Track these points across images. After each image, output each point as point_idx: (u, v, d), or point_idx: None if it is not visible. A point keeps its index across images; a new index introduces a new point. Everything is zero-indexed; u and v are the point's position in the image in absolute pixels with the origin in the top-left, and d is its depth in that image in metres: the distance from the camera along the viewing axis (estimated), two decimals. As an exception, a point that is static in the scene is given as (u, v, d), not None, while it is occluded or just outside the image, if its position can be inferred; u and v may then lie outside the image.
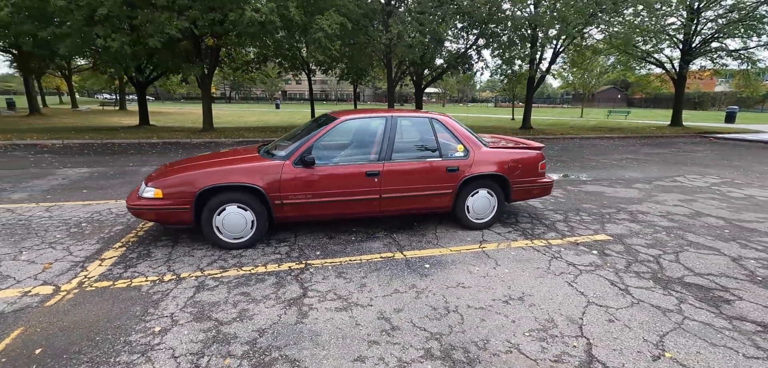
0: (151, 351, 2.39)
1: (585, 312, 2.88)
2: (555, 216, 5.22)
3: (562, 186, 6.96)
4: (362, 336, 2.57)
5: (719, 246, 4.17)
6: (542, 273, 3.49)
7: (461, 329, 2.65)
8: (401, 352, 2.40)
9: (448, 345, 2.47)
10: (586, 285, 3.29)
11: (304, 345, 2.47)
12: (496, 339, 2.55)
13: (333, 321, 2.73)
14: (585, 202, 5.90)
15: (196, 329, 2.62)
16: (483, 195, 4.52)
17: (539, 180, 4.71)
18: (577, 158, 10.57)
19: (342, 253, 3.90)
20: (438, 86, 67.67)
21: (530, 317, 2.81)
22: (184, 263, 3.63)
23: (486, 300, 3.04)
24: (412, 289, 3.19)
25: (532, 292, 3.16)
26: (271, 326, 2.66)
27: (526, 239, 4.34)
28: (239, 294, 3.09)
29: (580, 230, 4.66)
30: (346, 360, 2.33)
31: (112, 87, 40.04)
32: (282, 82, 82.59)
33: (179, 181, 3.80)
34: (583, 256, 3.89)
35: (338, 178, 4.05)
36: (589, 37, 17.45)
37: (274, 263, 3.66)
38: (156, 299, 3.00)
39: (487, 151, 4.52)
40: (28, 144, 11.33)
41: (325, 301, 2.99)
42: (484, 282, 3.33)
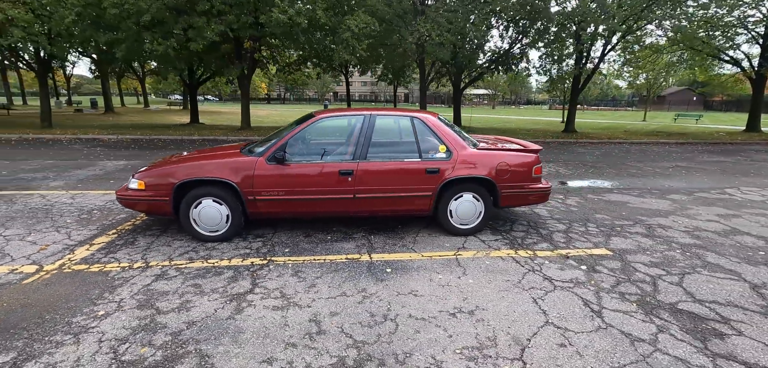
0: (83, 333, 2.51)
1: (537, 333, 2.58)
2: (557, 225, 4.78)
3: (581, 195, 6.38)
4: (284, 337, 2.50)
5: (742, 271, 3.56)
6: (509, 287, 3.20)
7: (389, 339, 2.49)
8: (313, 358, 2.30)
9: (365, 356, 2.33)
10: (553, 303, 2.95)
11: (224, 341, 2.45)
12: (422, 353, 2.36)
13: (264, 320, 2.69)
14: (600, 212, 5.35)
15: (134, 316, 2.71)
16: (468, 200, 4.26)
17: (532, 185, 4.33)
18: (616, 165, 9.66)
19: (310, 252, 3.86)
20: (488, 87, 65.74)
21: (471, 333, 2.57)
22: (159, 252, 3.80)
23: (433, 310, 2.84)
24: (360, 293, 3.07)
25: (487, 306, 2.90)
26: (203, 319, 2.69)
27: (511, 248, 4.02)
28: (191, 285, 3.17)
29: (578, 242, 4.22)
30: (255, 360, 2.28)
31: (181, 88, 43.98)
32: (333, 83, 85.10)
33: (159, 174, 3.99)
34: (566, 271, 3.51)
35: (311, 176, 4.02)
36: (644, 33, 15.92)
37: (240, 258, 3.71)
38: (116, 284, 3.16)
39: (472, 153, 4.24)
40: (89, 138, 12.66)
41: (268, 299, 2.97)
42: (441, 291, 3.12)
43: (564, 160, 10.25)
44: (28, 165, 8.20)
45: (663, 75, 29.91)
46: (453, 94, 19.64)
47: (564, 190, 6.67)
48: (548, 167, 8.99)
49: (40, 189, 6.13)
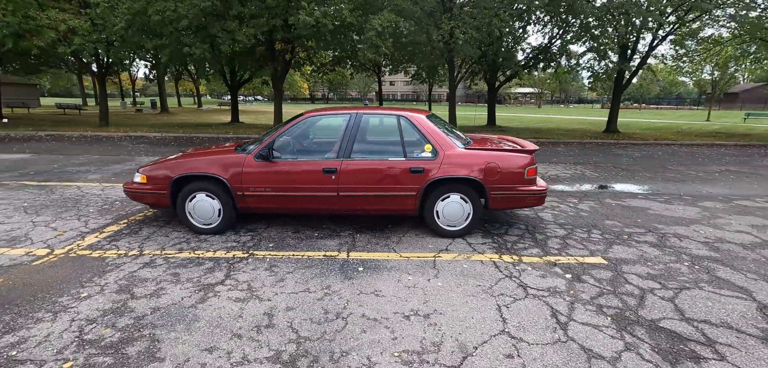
0: (62, 312, 2.76)
1: (487, 342, 2.46)
2: (557, 230, 4.51)
3: (599, 199, 5.95)
4: (233, 328, 2.59)
5: (756, 289, 3.16)
6: (477, 292, 3.07)
7: (333, 337, 2.50)
8: (252, 350, 2.36)
9: (302, 352, 2.36)
10: (518, 311, 2.80)
11: (178, 327, 2.59)
12: (359, 354, 2.34)
13: (222, 310, 2.80)
14: (612, 218, 4.97)
15: (110, 299, 2.94)
16: (455, 201, 4.14)
17: (524, 187, 4.12)
18: (654, 168, 8.91)
19: (293, 248, 3.95)
20: (535, 86, 63.04)
21: (418, 337, 2.51)
22: (155, 242, 4.07)
23: (388, 311, 2.80)
24: (323, 290, 3.10)
25: (446, 311, 2.81)
26: (168, 306, 2.85)
27: (497, 253, 3.85)
28: (171, 274, 3.36)
29: (573, 250, 3.96)
30: (199, 348, 2.38)
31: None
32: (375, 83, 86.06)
33: (159, 169, 4.27)
34: (547, 279, 3.31)
35: (296, 173, 4.11)
36: (701, 25, 14.49)
37: (225, 250, 3.88)
38: (107, 269, 3.43)
39: (459, 153, 4.12)
40: (137, 136, 13.79)
41: (234, 291, 3.08)
42: (405, 293, 3.07)
43: (595, 162, 9.62)
44: (78, 159, 9.09)
45: (730, 70, 27.01)
46: (487, 93, 19.12)
47: (581, 194, 6.27)
48: (573, 169, 8.48)
49: (78, 181, 6.78)
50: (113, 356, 2.30)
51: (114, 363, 2.24)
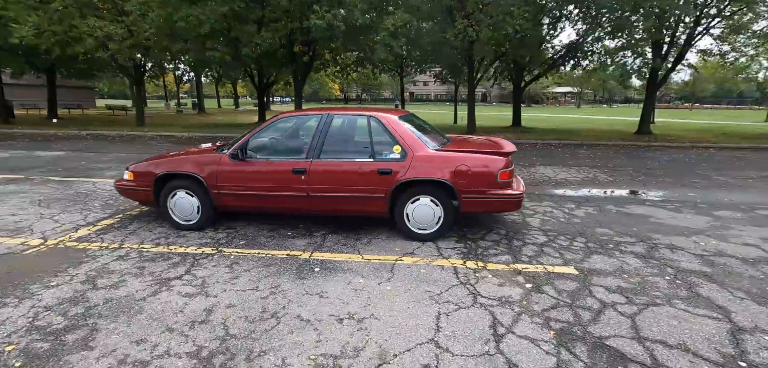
0: (27, 299, 2.98)
1: (411, 350, 2.39)
2: (538, 237, 4.29)
3: (598, 205, 5.59)
4: (170, 322, 2.68)
5: (737, 309, 2.85)
6: (423, 298, 2.99)
7: (259, 337, 2.52)
8: (177, 344, 2.43)
9: (223, 349, 2.39)
10: (458, 320, 2.69)
11: (120, 319, 2.71)
12: (276, 355, 2.34)
13: (168, 304, 2.90)
14: (604, 226, 4.65)
15: (73, 289, 3.13)
16: (425, 204, 4.04)
17: (496, 191, 3.95)
18: (679, 173, 8.25)
19: (261, 246, 4.03)
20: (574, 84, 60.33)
21: (342, 341, 2.47)
22: (138, 236, 4.29)
23: (323, 313, 2.79)
24: (270, 289, 3.13)
25: (382, 316, 2.75)
26: (120, 297, 2.99)
27: (462, 258, 3.72)
28: (138, 267, 3.53)
29: (546, 258, 3.75)
30: (129, 339, 2.48)
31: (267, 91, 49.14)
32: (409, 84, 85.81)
33: (144, 167, 4.50)
34: (504, 288, 3.16)
35: (267, 173, 4.19)
36: (754, 17, 13.22)
37: (196, 246, 4.02)
38: (84, 261, 3.66)
39: (428, 154, 4.02)
40: (167, 135, 14.61)
41: (187, 286, 3.18)
42: (350, 295, 3.04)
43: (615, 166, 9.05)
44: (106, 157, 9.77)
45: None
46: (513, 92, 18.54)
47: (581, 199, 5.92)
48: (586, 173, 8.03)
49: (95, 178, 7.28)
50: (52, 343, 2.45)
51: (49, 350, 2.39)
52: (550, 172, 8.09)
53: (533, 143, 12.63)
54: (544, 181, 7.20)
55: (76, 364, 2.26)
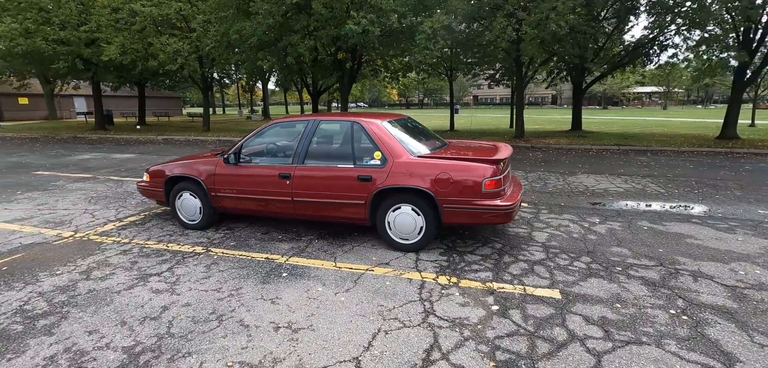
0: (31, 284, 3.38)
1: (330, 367, 2.27)
2: (536, 253, 3.87)
3: (627, 220, 4.89)
4: (126, 316, 2.86)
5: (745, 358, 2.29)
6: (371, 313, 2.84)
7: (193, 338, 2.59)
8: (121, 339, 2.58)
9: (155, 346, 2.49)
10: (392, 341, 2.52)
11: (89, 309, 2.96)
12: (199, 357, 2.38)
13: (135, 299, 3.10)
14: (623, 245, 4.05)
15: (70, 278, 3.49)
16: (407, 212, 3.86)
17: (481, 202, 3.63)
18: (755, 185, 6.93)
19: (248, 248, 4.15)
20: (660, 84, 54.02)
21: (266, 350, 2.44)
22: (149, 234, 4.68)
23: (265, 320, 2.78)
24: (231, 291, 3.21)
25: (320, 328, 2.67)
26: (100, 289, 3.27)
27: (437, 272, 3.48)
28: (131, 262, 3.84)
29: (533, 278, 3.36)
30: (84, 329, 2.70)
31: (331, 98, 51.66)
32: (472, 87, 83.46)
33: (157, 170, 4.90)
34: (466, 309, 2.89)
35: (256, 177, 4.32)
36: None
37: (191, 245, 4.27)
38: (93, 253, 4.07)
39: (409, 161, 3.83)
40: (224, 138, 15.84)
41: (161, 283, 3.38)
42: (300, 303, 3.00)
43: (676, 175, 7.87)
44: (165, 159, 10.84)
45: None
46: (573, 94, 17.11)
47: (611, 213, 5.22)
48: (634, 184, 7.09)
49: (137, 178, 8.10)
50: (25, 326, 2.75)
51: (20, 332, 2.68)
52: (592, 181, 7.29)
53: (586, 149, 11.51)
54: (578, 191, 6.51)
55: (31, 347, 2.51)
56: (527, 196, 6.17)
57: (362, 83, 34.08)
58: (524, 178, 7.54)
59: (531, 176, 7.77)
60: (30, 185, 7.43)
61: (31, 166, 9.67)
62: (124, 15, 14.07)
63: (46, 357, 2.41)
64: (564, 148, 11.69)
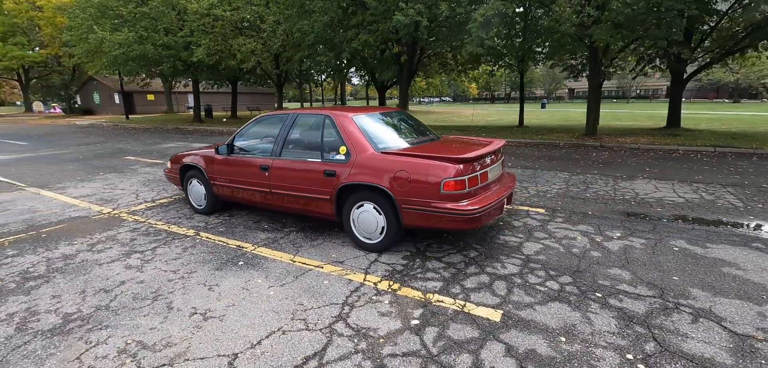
0: (50, 250, 4.02)
1: (207, 359, 2.29)
2: (508, 267, 3.39)
3: (662, 238, 3.99)
4: (89, 286, 3.23)
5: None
6: (285, 311, 2.79)
7: (119, 313, 2.81)
8: (71, 306, 2.93)
9: (88, 317, 2.77)
10: (285, 342, 2.44)
11: (69, 276, 3.41)
12: (114, 331, 2.59)
13: (107, 272, 3.49)
14: (628, 268, 3.34)
15: (76, 248, 4.06)
16: (369, 211, 3.69)
17: (440, 205, 3.29)
18: None
19: (232, 235, 4.38)
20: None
21: (169, 332, 2.55)
22: (165, 215, 5.22)
23: (188, 304, 2.91)
24: (184, 275, 3.41)
25: (229, 318, 2.71)
26: (89, 261, 3.74)
27: (383, 277, 3.27)
28: (131, 239, 4.33)
29: (479, 295, 2.96)
30: (52, 294, 3.12)
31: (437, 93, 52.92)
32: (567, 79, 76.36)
33: (177, 158, 5.42)
34: (382, 319, 2.67)
35: (242, 168, 4.52)
36: None
37: (187, 228, 4.65)
38: (111, 229, 4.69)
39: (371, 156, 3.63)
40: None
41: (138, 260, 3.74)
42: (232, 292, 3.07)
43: (750, 183, 6.20)
44: (229, 149, 11.98)
45: None
46: (671, 85, 14.57)
47: (641, 228, 4.32)
48: (706, 194, 5.76)
49: (200, 165, 9.06)
50: (18, 284, 3.29)
51: (11, 289, 3.21)
52: (649, 188, 6.13)
53: (670, 151, 9.69)
54: (622, 199, 5.52)
55: (10, 303, 2.99)
56: (552, 201, 5.45)
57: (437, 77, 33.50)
58: (566, 182, 6.66)
59: (574, 179, 6.83)
60: (112, 168, 8.84)
61: (126, 152, 11.49)
62: (210, 20, 15.84)
63: (9, 313, 2.85)
64: (640, 149, 10.04)
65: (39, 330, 2.62)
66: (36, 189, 6.82)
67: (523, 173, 7.42)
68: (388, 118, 4.40)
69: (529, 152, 10.20)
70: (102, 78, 35.77)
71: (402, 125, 4.42)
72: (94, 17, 17.19)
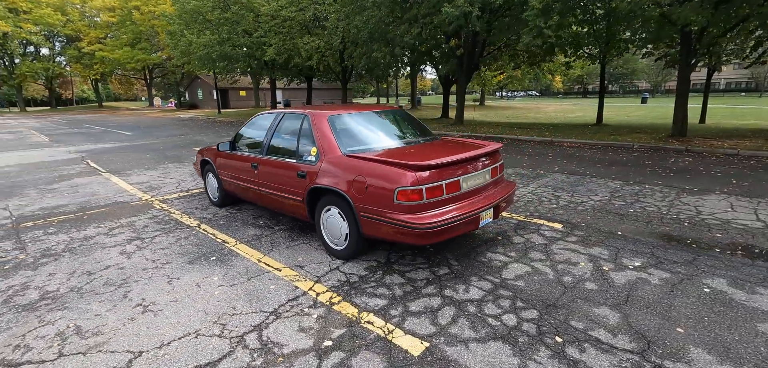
0: (78, 232, 4.60)
1: (113, 352, 2.38)
2: (472, 292, 2.97)
3: (697, 273, 3.14)
4: (81, 267, 3.60)
5: None
6: (214, 313, 2.79)
7: (85, 297, 3.08)
8: (54, 283, 3.30)
9: (60, 295, 3.09)
10: (187, 345, 2.42)
11: (73, 256, 3.85)
12: (63, 313, 2.84)
13: (104, 255, 3.86)
14: (621, 307, 2.69)
15: (98, 231, 4.58)
16: (335, 215, 3.54)
17: (393, 215, 2.99)
18: None
19: (227, 230, 4.55)
20: None
21: (102, 319, 2.72)
22: (186, 205, 5.64)
23: (141, 295, 3.07)
24: (161, 263, 3.63)
25: (164, 313, 2.80)
26: (98, 243, 4.19)
27: (333, 290, 3.10)
28: (142, 225, 4.76)
29: (420, 321, 2.62)
30: (49, 271, 3.54)
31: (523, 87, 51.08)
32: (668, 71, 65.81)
33: (200, 152, 5.82)
34: (299, 335, 2.52)
35: (237, 164, 4.68)
36: None
37: (194, 219, 4.97)
38: (139, 214, 5.21)
39: (336, 158, 3.46)
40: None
41: (134, 247, 4.08)
42: (185, 286, 3.18)
43: None
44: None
45: None
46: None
47: (674, 259, 3.45)
48: None
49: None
50: (36, 260, 3.80)
51: (30, 264, 3.72)
52: (721, 206, 4.93)
53: (783, 157, 7.70)
54: (672, 219, 4.51)
55: (17, 276, 3.46)
56: (578, 216, 4.69)
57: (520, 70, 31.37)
58: (612, 193, 5.70)
59: (625, 190, 5.80)
60: (177, 158, 9.89)
61: (199, 144, 12.80)
62: (279, 21, 16.87)
63: (9, 285, 3.30)
64: (739, 156, 8.17)
65: (17, 304, 2.99)
66: (109, 175, 7.92)
67: (566, 180, 6.54)
68: (376, 118, 4.16)
69: (590, 155, 8.98)
70: (204, 76, 40.53)
71: (390, 126, 4.15)
72: (186, 23, 19.50)
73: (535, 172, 7.24)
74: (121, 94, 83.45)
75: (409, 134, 4.16)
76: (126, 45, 40.15)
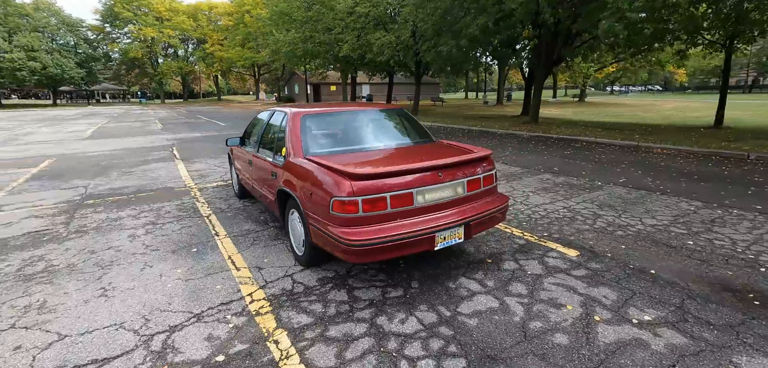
0: (113, 212, 5.23)
1: (67, 339, 2.59)
2: (414, 324, 2.55)
3: (746, 312, 2.24)
4: (87, 247, 4.05)
5: None
6: (141, 306, 2.86)
7: (72, 275, 3.44)
8: (56, 256, 3.76)
9: (54, 271, 3.49)
10: (89, 345, 2.51)
11: (94, 235, 4.37)
12: (43, 287, 3.20)
13: (113, 237, 4.30)
14: (593, 360, 2.03)
15: (129, 213, 5.15)
16: (297, 219, 3.39)
17: (329, 227, 2.71)
18: None
19: (228, 223, 4.70)
20: None
21: (60, 302, 2.98)
22: (216, 196, 6.04)
23: (112, 282, 3.30)
24: (148, 251, 3.90)
25: (114, 303, 2.95)
26: (118, 225, 4.69)
27: (266, 297, 2.96)
28: (167, 211, 5.20)
29: (327, 349, 2.32)
30: (68, 247, 4.06)
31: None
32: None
33: (231, 145, 6.17)
34: (195, 345, 2.43)
35: (242, 159, 4.83)
36: None
37: (212, 210, 5.26)
38: (173, 200, 5.75)
39: (298, 160, 3.29)
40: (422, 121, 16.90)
41: (141, 230, 4.47)
42: (152, 278, 3.33)
43: None
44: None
45: None
46: None
47: (707, 319, 2.51)
48: None
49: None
50: (68, 235, 4.41)
51: (62, 238, 4.33)
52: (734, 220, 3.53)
53: None
54: (747, 259, 3.36)
55: (46, 249, 4.03)
56: (609, 243, 3.79)
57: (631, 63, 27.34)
58: (676, 217, 4.52)
59: (698, 215, 4.54)
60: (242, 148, 10.74)
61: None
62: (354, 17, 17.25)
63: (35, 256, 3.85)
64: None
65: (22, 274, 3.47)
66: (178, 162, 8.94)
67: (624, 196, 5.40)
68: (364, 119, 3.88)
69: (680, 166, 7.31)
70: (300, 73, 43.82)
71: (378, 128, 3.85)
72: (275, 23, 21.18)
73: (591, 183, 6.13)
74: (238, 89, 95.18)
75: (397, 137, 3.81)
76: (238, 45, 45.44)
